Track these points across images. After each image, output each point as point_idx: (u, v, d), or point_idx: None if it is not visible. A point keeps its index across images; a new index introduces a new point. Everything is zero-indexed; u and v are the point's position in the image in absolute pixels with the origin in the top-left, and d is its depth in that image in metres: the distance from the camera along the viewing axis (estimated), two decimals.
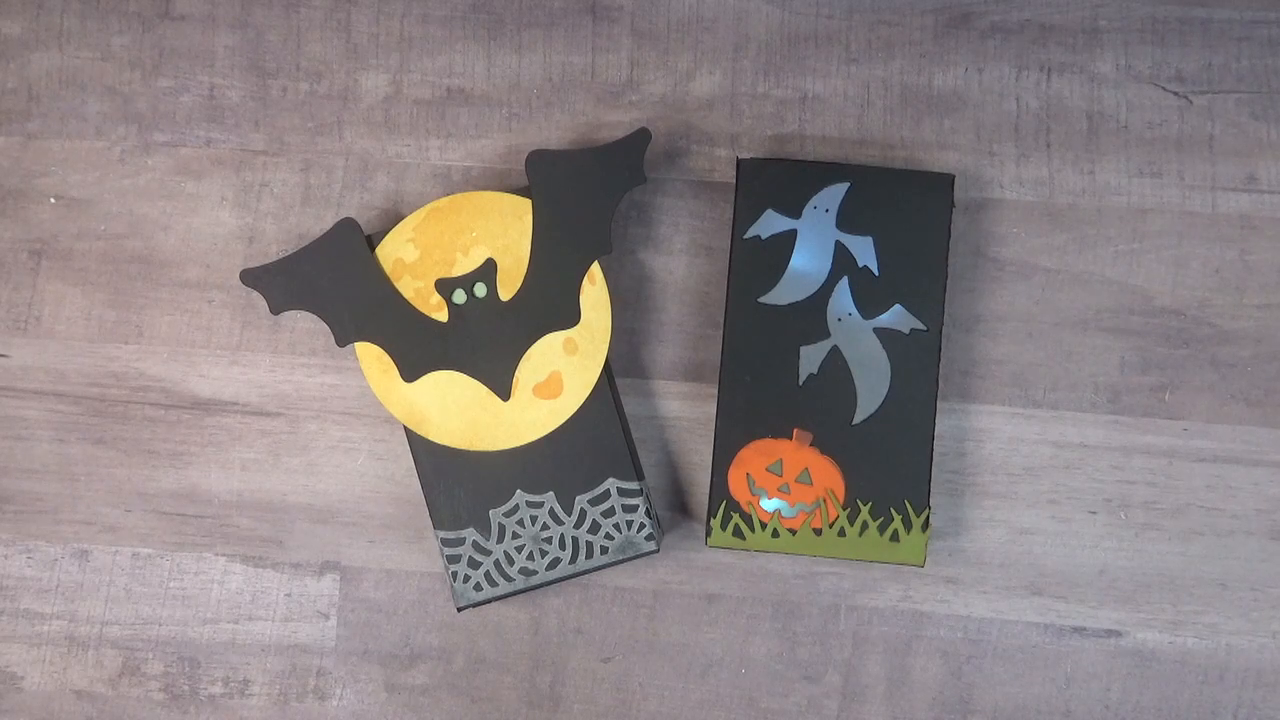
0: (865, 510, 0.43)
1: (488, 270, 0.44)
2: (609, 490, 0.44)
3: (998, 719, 0.46)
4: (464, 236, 0.44)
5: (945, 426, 0.45)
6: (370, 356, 0.44)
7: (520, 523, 0.44)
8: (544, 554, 0.44)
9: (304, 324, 0.47)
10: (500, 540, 0.44)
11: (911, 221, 0.44)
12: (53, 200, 0.48)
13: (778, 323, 0.44)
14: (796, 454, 0.44)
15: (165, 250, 0.47)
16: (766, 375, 0.44)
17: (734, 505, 0.44)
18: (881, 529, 0.43)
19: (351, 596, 0.47)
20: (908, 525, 0.43)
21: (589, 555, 0.44)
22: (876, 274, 0.44)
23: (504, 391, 0.44)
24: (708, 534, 0.44)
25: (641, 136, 0.44)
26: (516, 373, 0.44)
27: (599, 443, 0.44)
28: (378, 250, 0.44)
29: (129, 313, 0.47)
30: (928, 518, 0.43)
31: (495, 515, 0.44)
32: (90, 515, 0.47)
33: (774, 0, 0.47)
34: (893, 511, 0.43)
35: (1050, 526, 0.46)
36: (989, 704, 0.46)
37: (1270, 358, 0.45)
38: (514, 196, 0.44)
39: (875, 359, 0.43)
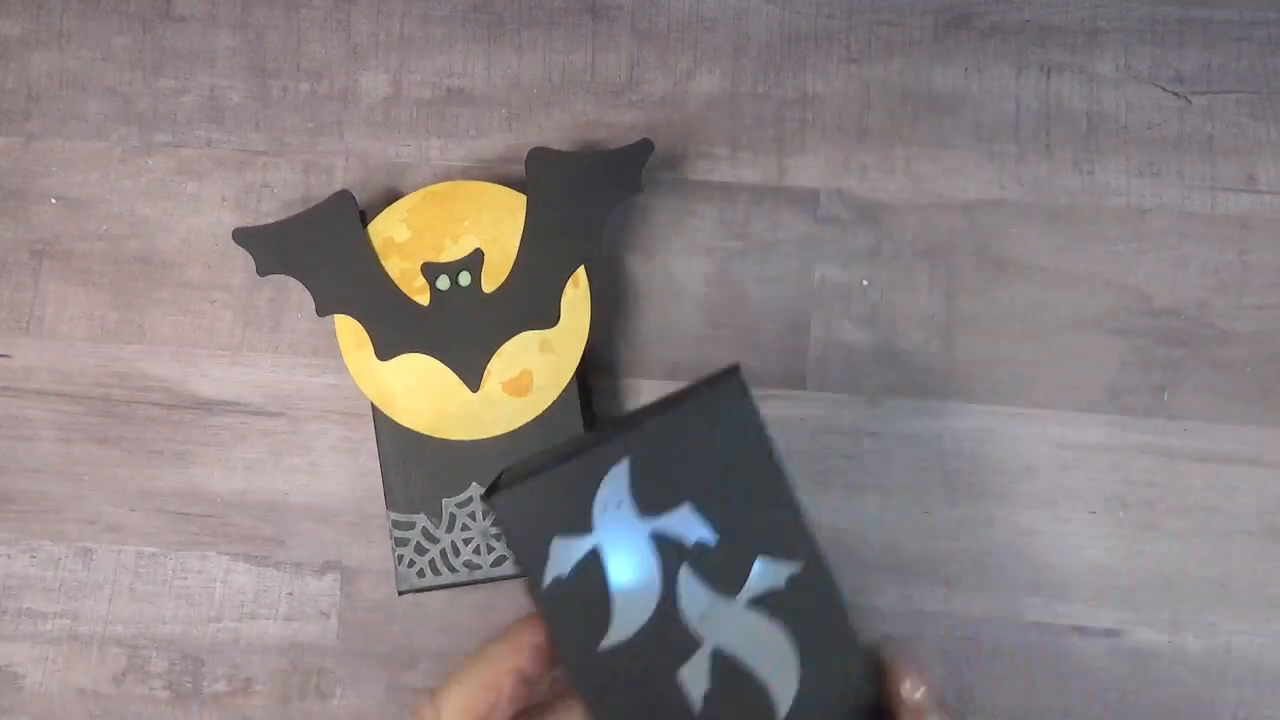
0: None
1: (475, 260, 0.44)
2: None
3: (998, 719, 0.46)
4: (456, 224, 0.44)
5: (945, 426, 0.45)
6: (348, 330, 0.44)
7: (472, 515, 0.44)
8: (491, 550, 0.44)
9: (305, 324, 0.47)
10: (450, 530, 0.44)
11: (720, 452, 0.33)
12: (54, 201, 0.48)
13: (636, 661, 0.33)
14: None
15: (167, 251, 0.48)
16: (651, 707, 0.33)
17: None
18: None
19: (352, 596, 0.47)
20: None
21: None
22: (715, 541, 0.33)
23: (474, 383, 0.44)
24: None
25: (644, 147, 0.43)
26: (489, 366, 0.44)
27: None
28: (370, 227, 0.44)
29: (131, 313, 0.47)
30: None
31: (448, 504, 0.44)
32: (94, 514, 0.47)
33: (774, 0, 0.47)
34: None
35: (1050, 526, 0.46)
36: (989, 704, 0.46)
37: (1270, 358, 0.45)
38: (511, 191, 0.44)
39: (767, 637, 0.33)
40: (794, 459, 0.46)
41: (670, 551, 0.33)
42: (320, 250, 0.44)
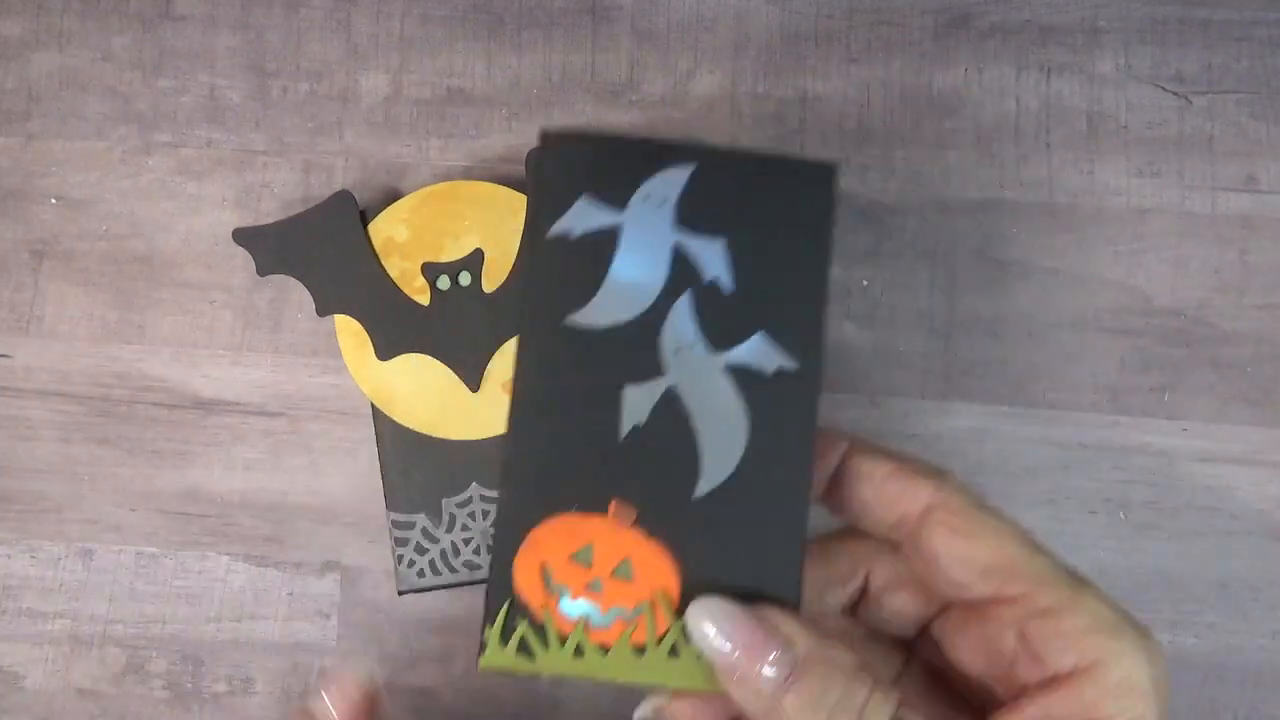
0: None
1: (475, 260, 0.44)
2: None
3: None
4: (457, 224, 0.44)
5: (946, 426, 0.45)
6: (348, 330, 0.44)
7: (472, 515, 0.44)
8: (490, 550, 0.44)
9: (305, 324, 0.47)
10: (450, 530, 0.44)
11: (780, 221, 0.31)
12: (54, 201, 0.48)
13: (592, 353, 0.31)
14: (613, 537, 0.31)
15: (167, 251, 0.48)
16: (574, 425, 0.31)
17: (520, 608, 0.31)
18: None
19: (352, 596, 0.47)
20: None
21: None
22: (730, 290, 0.31)
23: (474, 383, 0.44)
24: (480, 649, 0.31)
25: None
26: (489, 366, 0.44)
27: None
28: (370, 226, 0.44)
29: (131, 313, 0.47)
30: None
31: (448, 504, 0.44)
32: (94, 514, 0.47)
33: (774, 0, 0.47)
34: None
35: (1050, 526, 0.46)
36: None
37: (1270, 358, 0.45)
38: (511, 190, 0.44)
39: (727, 408, 0.31)
40: None
41: (684, 273, 0.31)
42: (320, 250, 0.44)
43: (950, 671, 0.34)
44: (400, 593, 0.44)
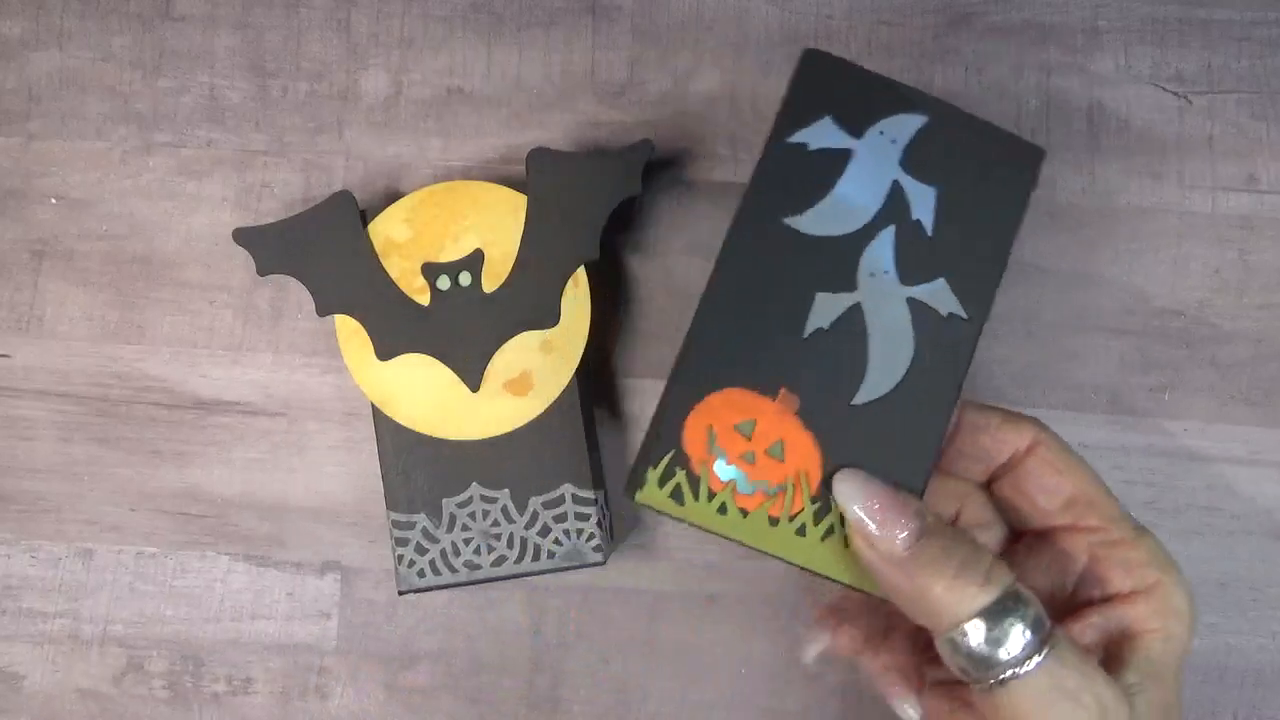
0: (838, 511, 0.35)
1: (475, 260, 0.44)
2: (564, 496, 0.44)
3: None
4: (457, 223, 0.44)
5: None
6: (348, 330, 0.44)
7: (472, 515, 0.44)
8: (491, 550, 0.44)
9: (305, 324, 0.47)
10: (450, 530, 0.44)
11: (983, 187, 0.36)
12: (54, 201, 0.48)
13: (798, 255, 0.35)
14: (775, 419, 0.35)
15: (167, 251, 0.48)
16: (766, 313, 0.35)
17: (682, 459, 0.35)
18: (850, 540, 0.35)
19: (352, 596, 0.47)
20: None
21: (535, 558, 0.44)
22: (929, 234, 0.36)
23: (474, 382, 0.44)
24: (639, 485, 0.35)
25: (644, 147, 0.43)
26: (489, 366, 0.44)
27: (561, 447, 0.44)
28: (370, 227, 0.44)
29: (131, 313, 0.47)
30: None
31: (448, 504, 0.44)
32: (94, 514, 0.47)
33: (774, 0, 0.47)
34: None
35: None
36: None
37: (1270, 358, 0.45)
38: (511, 191, 0.44)
39: (900, 334, 0.35)
40: None
41: (895, 207, 0.36)
42: (320, 250, 0.44)
43: None
44: (400, 593, 0.44)
